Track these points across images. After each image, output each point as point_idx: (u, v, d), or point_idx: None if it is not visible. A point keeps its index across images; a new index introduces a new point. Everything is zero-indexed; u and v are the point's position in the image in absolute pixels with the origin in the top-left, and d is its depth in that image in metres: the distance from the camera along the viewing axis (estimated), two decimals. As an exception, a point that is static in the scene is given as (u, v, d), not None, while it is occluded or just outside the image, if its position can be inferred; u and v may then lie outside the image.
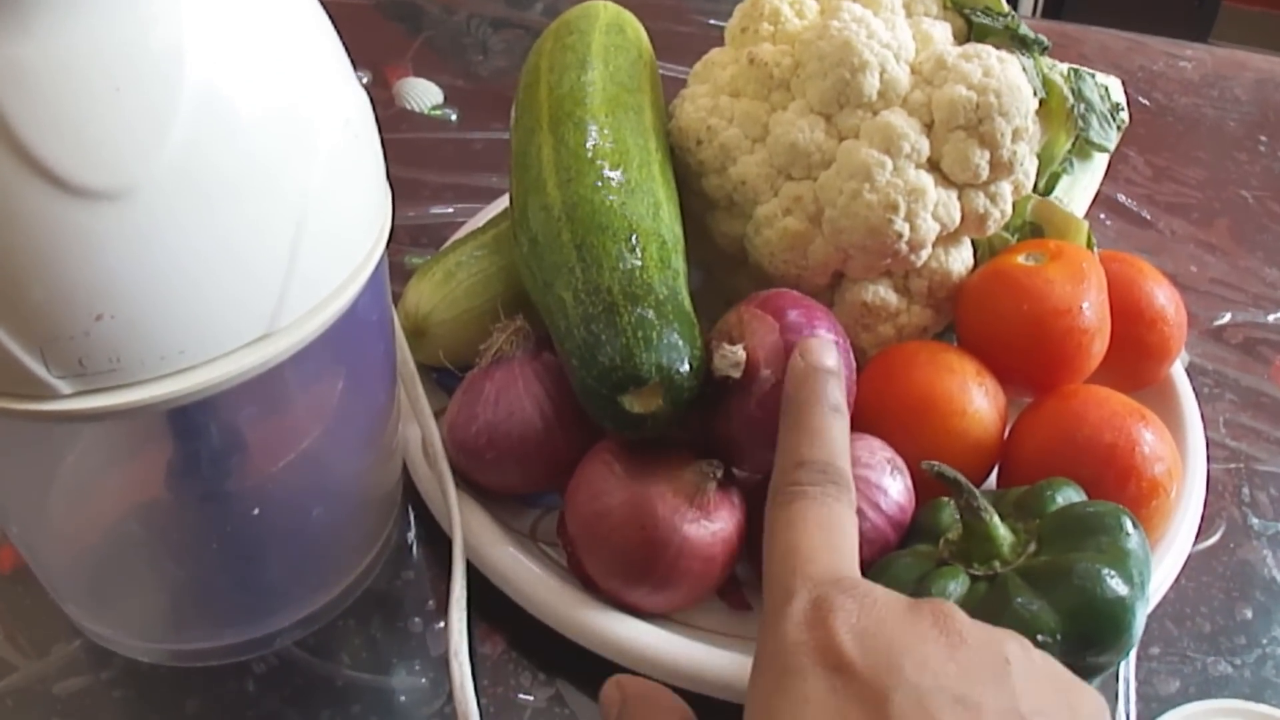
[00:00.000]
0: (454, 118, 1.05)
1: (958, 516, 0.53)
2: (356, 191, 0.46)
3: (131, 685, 0.57)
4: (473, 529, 0.60)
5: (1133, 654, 0.61)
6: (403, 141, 1.01)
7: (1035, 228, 0.70)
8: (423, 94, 1.07)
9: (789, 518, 0.44)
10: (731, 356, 0.54)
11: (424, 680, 0.57)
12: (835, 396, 0.49)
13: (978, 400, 0.60)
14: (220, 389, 0.41)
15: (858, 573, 0.43)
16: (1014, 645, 0.39)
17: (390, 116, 1.04)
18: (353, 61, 0.46)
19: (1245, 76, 1.27)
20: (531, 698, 0.57)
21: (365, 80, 1.08)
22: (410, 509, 0.66)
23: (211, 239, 0.39)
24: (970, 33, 0.70)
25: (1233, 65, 1.29)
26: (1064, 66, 0.71)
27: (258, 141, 0.40)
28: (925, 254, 0.64)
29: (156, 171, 0.37)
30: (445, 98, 1.08)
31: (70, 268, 0.36)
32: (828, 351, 0.51)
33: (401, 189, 0.52)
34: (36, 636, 0.58)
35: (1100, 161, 0.76)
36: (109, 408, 0.39)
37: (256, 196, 0.40)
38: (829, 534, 0.44)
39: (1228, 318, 0.89)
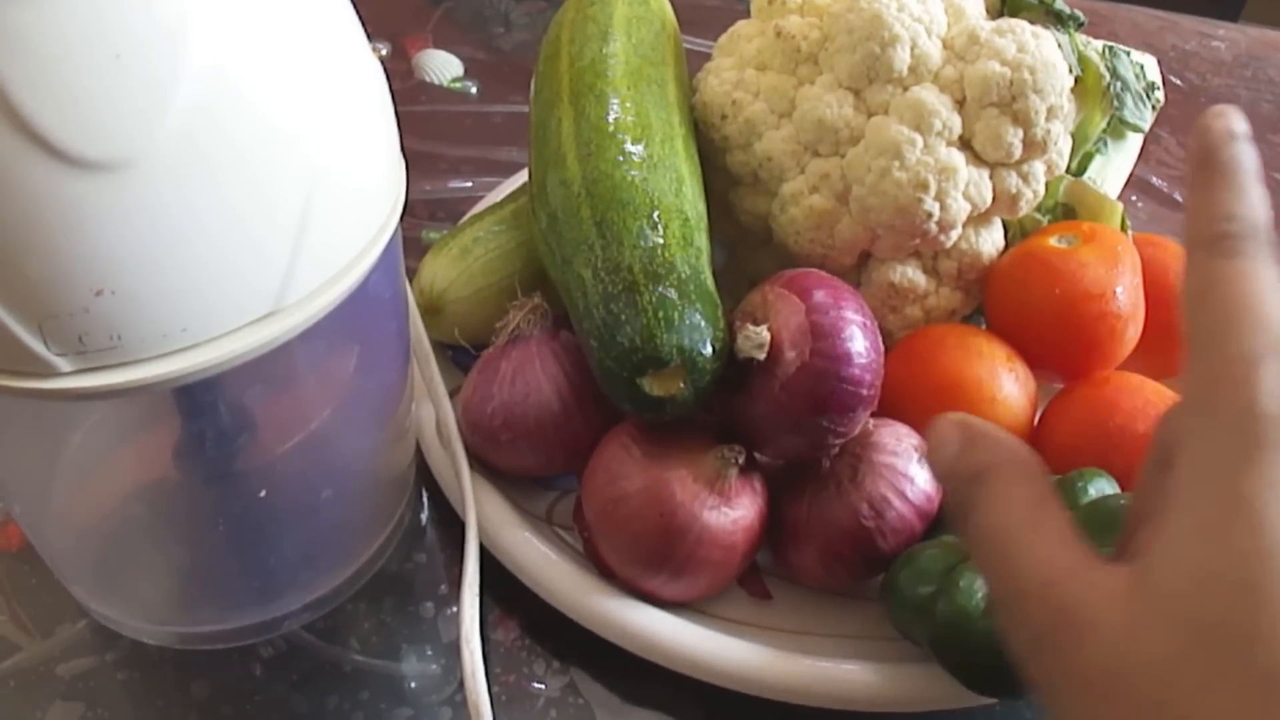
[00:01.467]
0: (474, 90, 1.04)
1: (987, 506, 0.52)
2: (368, 165, 0.44)
3: (137, 667, 0.56)
4: (487, 512, 0.59)
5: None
6: (421, 114, 1.00)
7: (1068, 209, 0.69)
8: (442, 66, 1.06)
9: (1233, 272, 0.37)
10: (755, 338, 0.52)
11: (435, 666, 0.57)
12: (1254, 160, 0.41)
13: (1007, 386, 0.59)
14: (224, 368, 0.40)
15: None
16: None
17: (409, 89, 1.03)
18: (372, 33, 0.45)
19: (1279, 57, 1.24)
20: (544, 686, 0.56)
21: (384, 52, 1.07)
22: (424, 490, 0.65)
23: (215, 213, 0.37)
24: (1004, 7, 0.68)
25: (1266, 46, 1.27)
26: (1099, 44, 0.70)
27: (264, 112, 0.38)
28: (955, 234, 0.63)
29: (158, 143, 0.36)
30: (465, 70, 1.07)
31: (69, 242, 0.35)
32: (1237, 116, 0.46)
33: (419, 162, 0.51)
34: (41, 616, 0.58)
35: (1134, 142, 0.74)
36: (110, 386, 0.38)
37: (262, 169, 0.39)
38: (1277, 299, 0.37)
39: (1262, 303, 0.87)
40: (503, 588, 0.58)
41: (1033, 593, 0.34)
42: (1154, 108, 0.73)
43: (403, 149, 0.49)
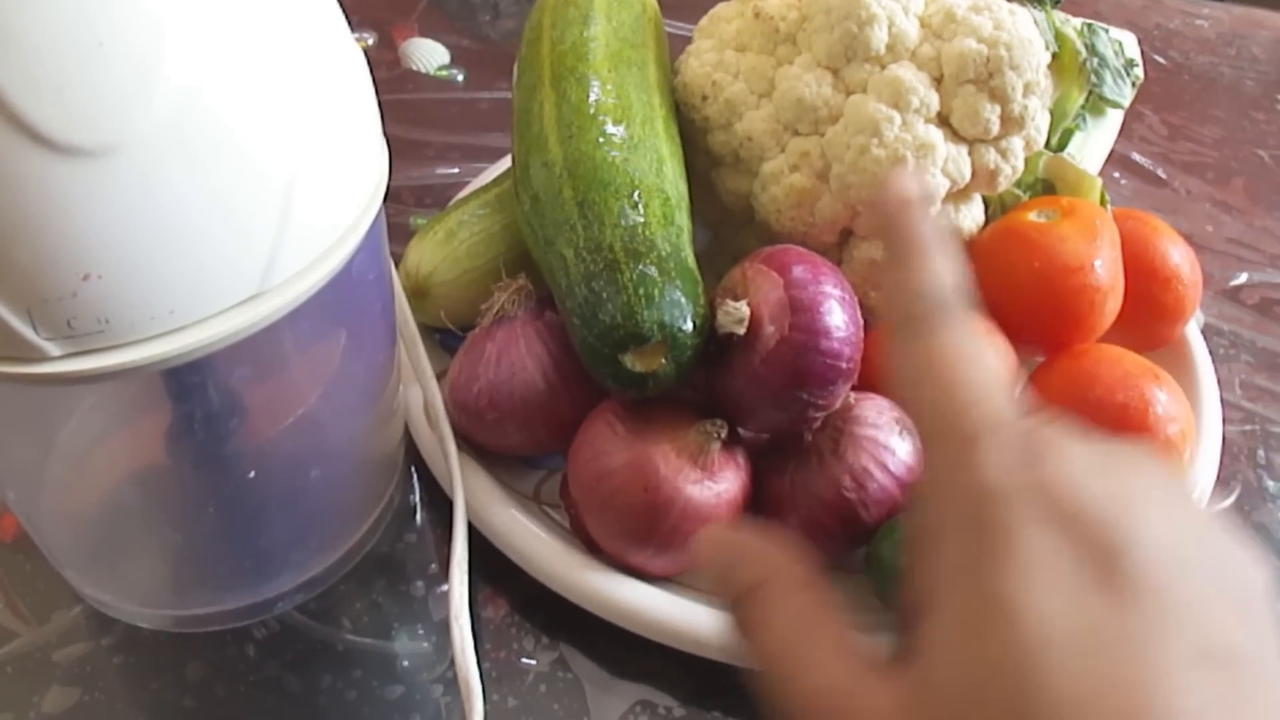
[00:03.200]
0: (460, 78, 1.04)
1: (966, 477, 0.52)
2: (351, 149, 0.45)
3: (132, 651, 0.56)
4: (475, 491, 0.59)
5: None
6: (408, 102, 1.00)
7: (1047, 184, 0.69)
8: (429, 54, 1.06)
9: (938, 352, 0.37)
10: (735, 313, 0.53)
11: (426, 644, 0.57)
12: (937, 223, 0.42)
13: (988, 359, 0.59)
14: (212, 349, 0.40)
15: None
16: (1215, 517, 0.34)
17: (395, 77, 1.03)
18: (358, 22, 0.45)
19: (1262, 35, 1.25)
20: (534, 661, 0.57)
21: (370, 41, 1.07)
22: (413, 471, 0.66)
23: (200, 197, 0.38)
24: (981, -15, 0.68)
25: (1250, 24, 1.27)
26: (1077, 21, 0.70)
27: (247, 99, 0.39)
28: (934, 210, 0.63)
29: (142, 128, 0.36)
30: (452, 58, 1.07)
31: (56, 227, 0.36)
32: (917, 179, 0.46)
33: (406, 149, 0.51)
34: (37, 603, 0.58)
35: (1114, 118, 0.75)
36: (99, 369, 0.38)
37: (246, 154, 0.39)
38: (986, 369, 0.37)
39: (1244, 278, 0.88)
40: (491, 566, 0.59)
41: (818, 709, 0.34)
42: (1133, 84, 0.74)
43: (389, 136, 0.49)
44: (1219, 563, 0.32)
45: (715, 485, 0.54)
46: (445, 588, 0.57)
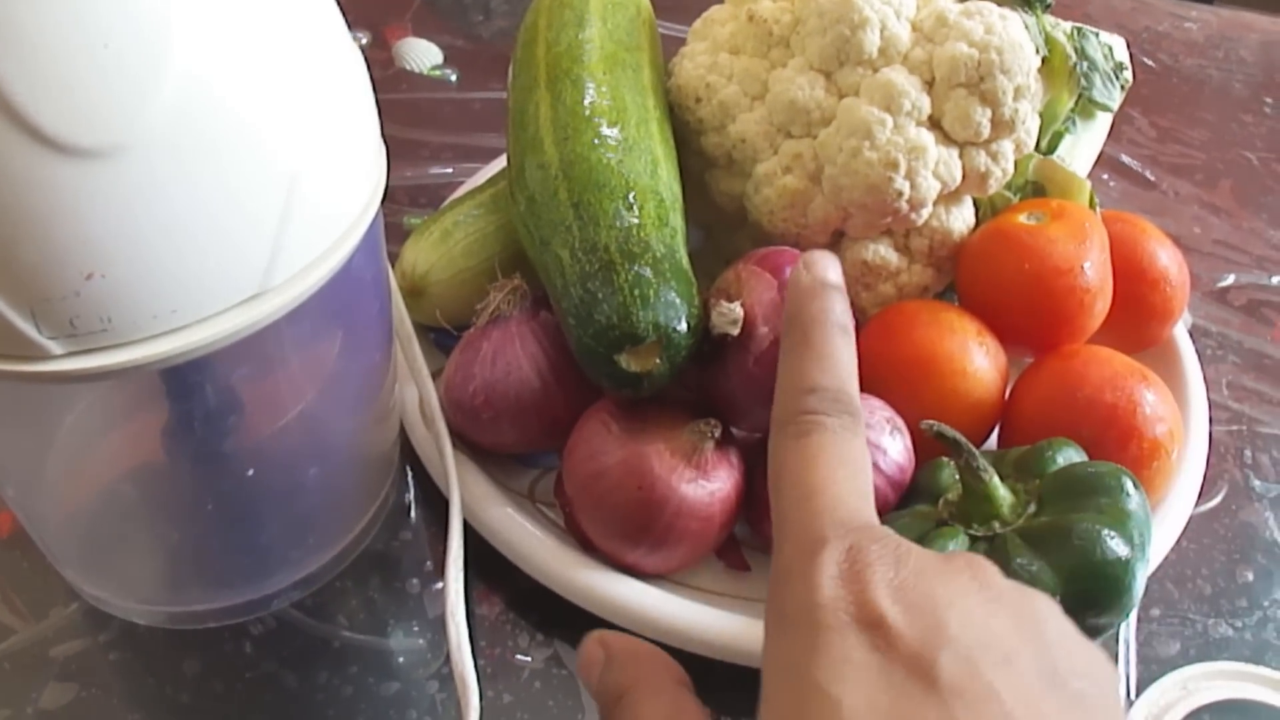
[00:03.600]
0: (454, 78, 1.04)
1: (957, 477, 0.53)
2: (350, 150, 0.45)
3: (129, 648, 0.57)
4: (470, 489, 0.60)
5: (1133, 616, 0.61)
6: (402, 102, 1.00)
7: (1037, 187, 0.70)
8: (422, 54, 1.07)
9: (806, 453, 0.40)
10: (729, 314, 0.53)
11: (421, 641, 0.57)
12: (842, 314, 0.45)
13: (978, 360, 0.60)
14: (213, 348, 0.40)
15: (877, 518, 0.40)
16: (1044, 603, 0.37)
17: (389, 77, 1.04)
18: (352, 22, 0.45)
19: (1251, 38, 1.26)
20: (529, 659, 0.57)
21: (364, 41, 1.08)
22: (408, 470, 0.66)
23: (202, 197, 0.38)
24: (972, -11, 0.69)
25: (1238, 26, 1.28)
26: (1067, 25, 0.71)
27: (249, 99, 0.39)
28: (926, 212, 0.64)
29: (146, 129, 0.36)
30: (445, 58, 1.07)
31: (60, 227, 0.36)
32: (832, 265, 0.47)
33: (400, 149, 0.52)
34: (34, 600, 0.58)
35: (1103, 121, 0.75)
36: (101, 368, 0.39)
37: (248, 155, 0.39)
38: (852, 474, 0.40)
39: (1231, 279, 0.89)
40: (486, 563, 0.59)
41: None
42: (1122, 87, 0.74)
43: (384, 136, 0.50)
44: (1035, 652, 0.34)
45: (709, 484, 0.54)
46: (441, 585, 0.57)
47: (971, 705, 0.31)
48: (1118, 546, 0.48)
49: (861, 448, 0.41)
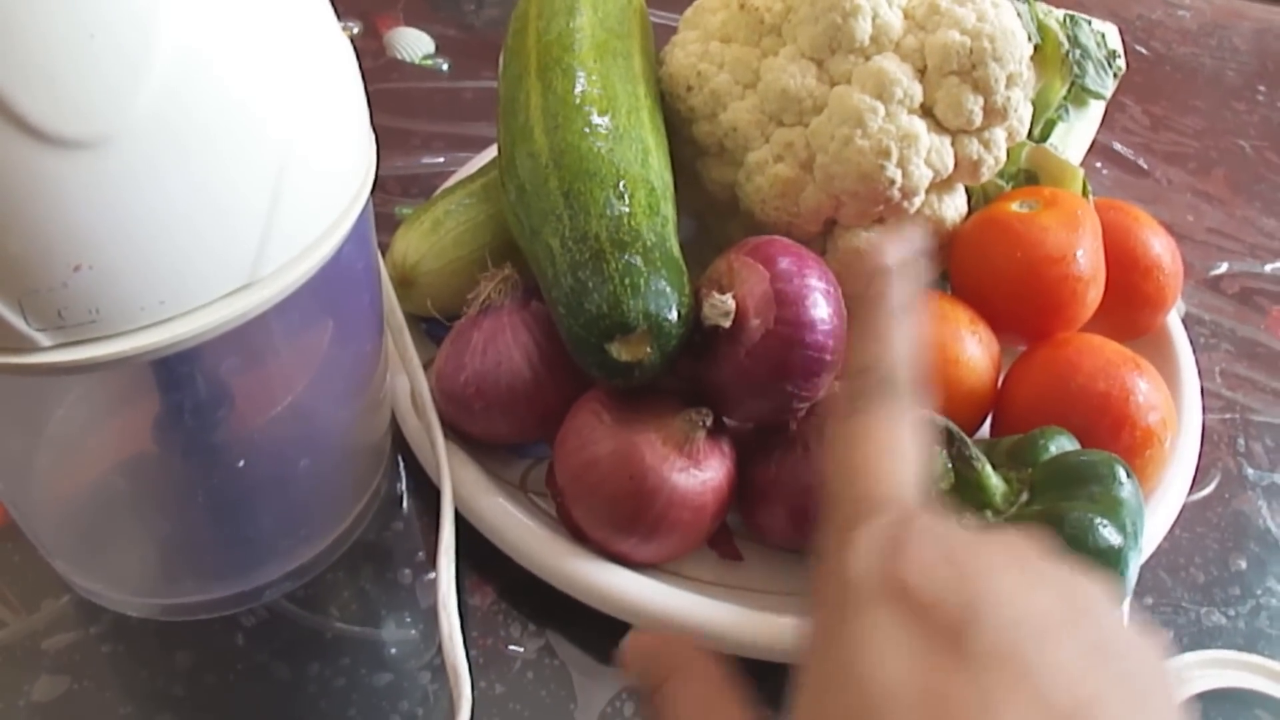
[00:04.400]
0: (445, 67, 1.04)
1: (950, 465, 0.53)
2: (339, 139, 0.45)
3: (121, 640, 0.56)
4: (462, 479, 0.60)
5: (1126, 604, 0.61)
6: (393, 91, 1.00)
7: (1030, 175, 0.70)
8: (414, 44, 1.06)
9: (853, 435, 0.40)
10: (721, 306, 0.53)
11: (414, 632, 0.57)
12: (899, 297, 0.44)
13: (971, 348, 0.60)
14: (201, 340, 0.40)
15: (919, 499, 0.39)
16: (1090, 584, 0.36)
17: (380, 66, 1.03)
18: (343, 11, 0.45)
19: (1244, 26, 1.26)
20: (521, 649, 0.57)
21: (355, 30, 1.07)
22: (400, 460, 0.66)
23: (190, 188, 0.38)
24: (964, -23, 0.69)
25: (1231, 14, 1.28)
26: (1060, 12, 0.71)
27: (236, 89, 0.39)
28: (918, 201, 0.63)
29: (133, 120, 0.36)
30: (437, 47, 1.07)
31: (47, 218, 0.36)
32: (894, 245, 0.45)
33: (391, 139, 0.52)
34: (26, 592, 0.58)
35: (1096, 109, 0.75)
36: (89, 360, 0.39)
37: (235, 145, 0.39)
38: (895, 456, 0.40)
39: (1224, 267, 0.89)
40: (478, 553, 0.59)
41: None
42: (1115, 75, 0.74)
43: (375, 126, 0.50)
44: (1076, 630, 0.33)
45: (701, 473, 0.54)
46: (432, 576, 0.57)
47: (1004, 680, 0.31)
48: (1110, 535, 0.48)
49: (908, 430, 0.40)
